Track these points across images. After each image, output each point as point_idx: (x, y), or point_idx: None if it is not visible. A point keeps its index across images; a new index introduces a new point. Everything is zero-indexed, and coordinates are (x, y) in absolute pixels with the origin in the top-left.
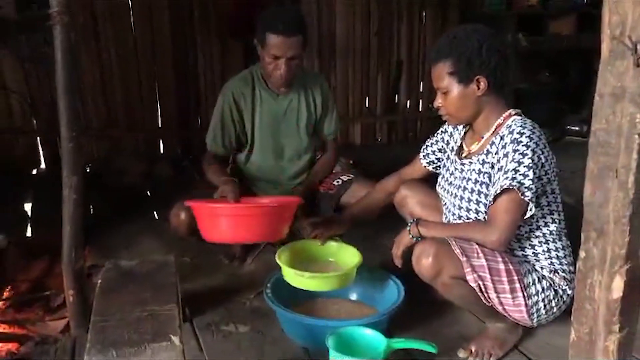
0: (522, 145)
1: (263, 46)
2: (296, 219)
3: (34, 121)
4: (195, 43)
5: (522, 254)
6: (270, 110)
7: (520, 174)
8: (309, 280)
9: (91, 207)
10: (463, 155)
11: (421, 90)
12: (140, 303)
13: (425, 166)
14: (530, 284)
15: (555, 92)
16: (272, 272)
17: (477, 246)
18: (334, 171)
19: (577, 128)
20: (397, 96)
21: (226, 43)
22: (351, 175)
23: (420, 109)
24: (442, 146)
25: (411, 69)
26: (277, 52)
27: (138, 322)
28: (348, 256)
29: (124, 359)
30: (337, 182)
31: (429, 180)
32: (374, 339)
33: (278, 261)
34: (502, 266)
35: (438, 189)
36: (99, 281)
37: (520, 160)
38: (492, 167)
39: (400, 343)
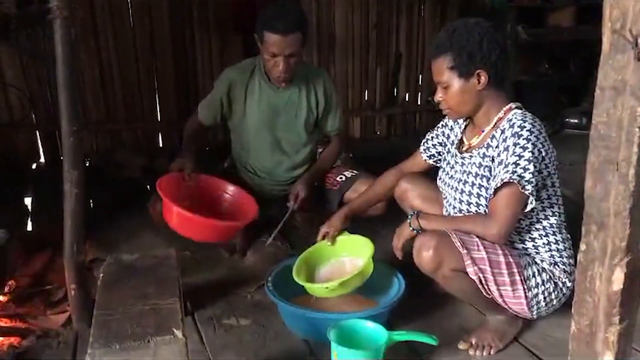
0: (523, 139)
1: (262, 43)
2: (296, 214)
3: (33, 115)
4: (194, 38)
5: (523, 247)
6: (269, 102)
7: (520, 168)
8: (336, 290)
9: (91, 201)
10: (463, 149)
11: (420, 83)
12: (143, 297)
13: (425, 160)
14: (530, 276)
15: (554, 84)
16: (273, 266)
17: (477, 239)
18: (335, 165)
19: (576, 121)
20: (396, 89)
21: (225, 37)
22: (355, 172)
23: (419, 102)
24: (443, 140)
25: (410, 62)
26: (274, 50)
27: (140, 316)
28: (360, 246)
29: (127, 352)
30: (341, 178)
31: (430, 173)
32: (375, 331)
33: (298, 280)
34: (502, 259)
35: (438, 182)
36: (101, 275)
37: (521, 154)
38: (493, 161)
39: (401, 335)
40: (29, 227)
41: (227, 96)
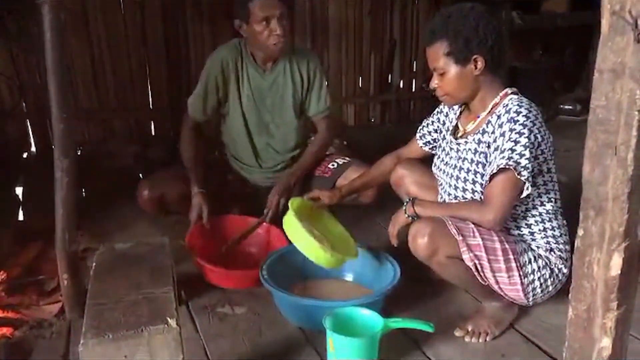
0: (519, 125)
1: (248, 18)
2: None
3: (24, 105)
4: (186, 24)
5: (518, 233)
6: (255, 86)
7: (516, 154)
8: (326, 256)
9: (84, 190)
10: (459, 135)
11: (414, 70)
12: (136, 286)
13: (421, 147)
14: (526, 262)
15: (548, 70)
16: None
17: (472, 225)
18: (328, 153)
19: (570, 107)
20: (390, 76)
21: (217, 24)
22: (347, 159)
23: (413, 89)
24: (438, 126)
25: (404, 48)
26: (266, 12)
27: (134, 305)
28: (344, 245)
29: (121, 342)
30: (333, 165)
31: (426, 160)
32: (371, 319)
33: (300, 225)
34: (498, 245)
35: (434, 169)
36: (93, 264)
37: (517, 140)
38: (489, 147)
39: (397, 323)
40: (21, 217)
41: (221, 75)
